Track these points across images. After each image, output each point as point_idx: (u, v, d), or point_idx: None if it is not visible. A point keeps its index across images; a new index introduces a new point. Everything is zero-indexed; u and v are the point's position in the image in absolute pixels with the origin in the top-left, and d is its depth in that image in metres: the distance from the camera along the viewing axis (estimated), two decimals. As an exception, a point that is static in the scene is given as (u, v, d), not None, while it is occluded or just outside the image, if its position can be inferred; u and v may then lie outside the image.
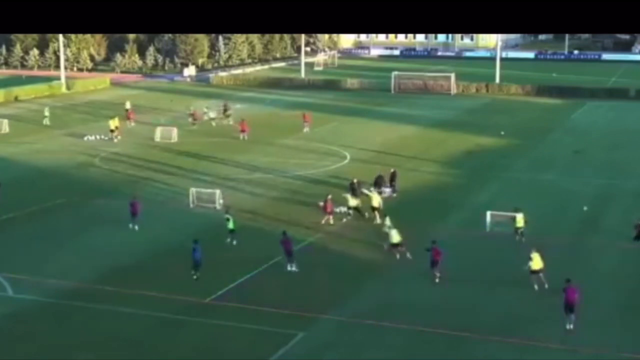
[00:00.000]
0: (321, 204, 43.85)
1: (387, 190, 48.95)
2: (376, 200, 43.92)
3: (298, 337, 29.14)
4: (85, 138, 68.93)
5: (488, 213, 41.74)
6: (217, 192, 46.57)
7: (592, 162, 58.32)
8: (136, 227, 41.98)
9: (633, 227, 39.72)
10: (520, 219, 40.09)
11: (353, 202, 44.05)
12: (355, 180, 47.14)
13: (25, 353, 28.17)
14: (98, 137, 69.20)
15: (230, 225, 39.66)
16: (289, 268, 35.88)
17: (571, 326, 29.80)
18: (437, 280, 34.44)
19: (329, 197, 43.57)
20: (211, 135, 70.11)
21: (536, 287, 33.34)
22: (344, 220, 43.70)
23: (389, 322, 30.31)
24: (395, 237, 37.48)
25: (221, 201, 45.84)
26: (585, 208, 46.28)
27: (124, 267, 36.52)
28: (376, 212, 43.33)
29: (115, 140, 67.33)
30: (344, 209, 44.58)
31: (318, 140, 67.76)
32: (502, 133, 70.68)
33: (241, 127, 68.60)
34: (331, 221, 42.78)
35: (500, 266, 36.47)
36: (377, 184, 48.75)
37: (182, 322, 30.45)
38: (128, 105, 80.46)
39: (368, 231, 41.87)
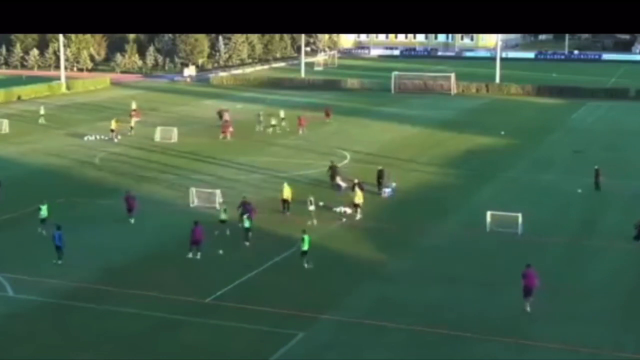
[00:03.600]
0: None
1: (387, 191, 48.98)
2: (359, 197, 44.13)
3: (298, 337, 29.13)
4: (85, 138, 68.96)
5: (488, 213, 41.75)
6: (217, 191, 46.58)
7: (592, 162, 58.25)
8: (132, 221, 42.49)
9: (633, 227, 39.72)
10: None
11: (359, 199, 44.11)
12: (356, 181, 47.10)
13: (25, 353, 28.16)
14: (98, 137, 69.25)
15: (44, 213, 41.17)
16: (190, 255, 37.13)
17: (529, 309, 30.92)
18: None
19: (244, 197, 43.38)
20: (211, 136, 70.11)
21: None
22: (344, 219, 43.71)
23: (389, 322, 30.31)
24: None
25: (221, 200, 45.85)
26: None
27: (123, 267, 36.52)
28: (358, 209, 43.87)
29: (116, 140, 67.37)
30: (344, 209, 44.64)
31: (318, 140, 67.77)
32: (502, 133, 70.71)
33: (223, 128, 68.93)
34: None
35: (500, 266, 36.48)
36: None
37: (182, 322, 30.44)
38: (134, 106, 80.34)
39: (367, 231, 41.88)
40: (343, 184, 50.05)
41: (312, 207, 43.48)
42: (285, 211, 44.46)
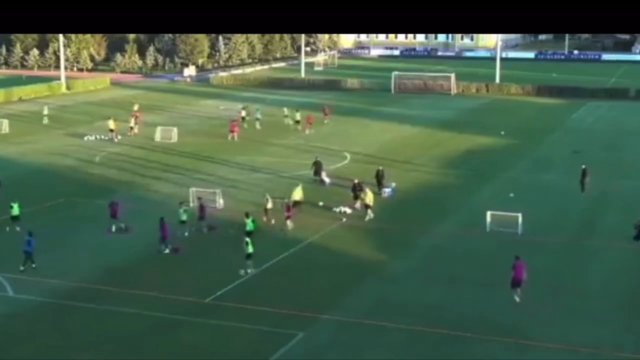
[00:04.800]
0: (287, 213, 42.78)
1: (387, 191, 48.98)
2: (370, 198, 44.10)
3: (298, 337, 29.14)
4: (85, 138, 68.99)
5: (488, 213, 41.76)
6: (217, 191, 46.60)
7: (592, 162, 58.26)
8: (113, 229, 41.63)
9: (633, 227, 39.73)
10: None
11: (370, 199, 44.06)
12: (356, 181, 47.07)
13: (25, 353, 28.16)
14: (98, 137, 69.28)
15: (15, 211, 41.63)
16: (166, 251, 37.90)
17: (517, 299, 31.73)
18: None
19: (286, 200, 43.42)
20: (211, 136, 70.20)
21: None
22: (344, 220, 43.70)
23: (389, 322, 30.31)
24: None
25: (221, 201, 45.87)
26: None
27: (123, 267, 36.52)
28: (369, 210, 43.74)
29: (116, 140, 67.42)
30: (344, 209, 44.68)
31: (318, 140, 67.76)
32: (502, 133, 70.73)
33: (231, 127, 68.87)
34: (290, 227, 41.75)
35: (500, 266, 36.42)
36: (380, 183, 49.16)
37: (182, 322, 30.44)
38: (136, 107, 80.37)
39: (367, 231, 41.88)
40: (327, 180, 51.18)
41: (270, 205, 43.34)
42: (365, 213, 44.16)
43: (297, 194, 44.67)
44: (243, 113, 75.87)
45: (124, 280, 34.62)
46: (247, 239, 35.74)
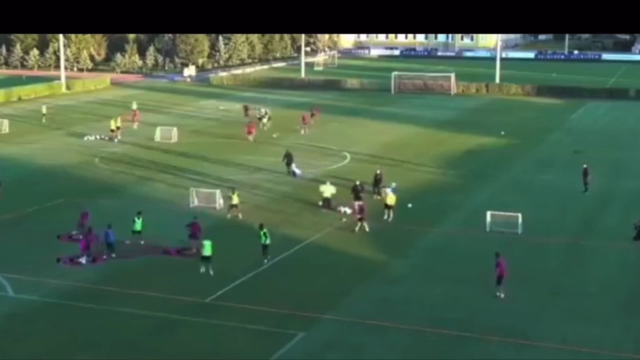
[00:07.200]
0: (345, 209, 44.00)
1: (387, 190, 48.89)
2: (390, 198, 44.08)
3: (298, 337, 29.14)
4: (85, 138, 68.99)
5: (488, 213, 41.77)
6: (217, 192, 46.61)
7: (592, 162, 58.31)
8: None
9: (633, 227, 39.73)
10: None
11: (391, 200, 44.03)
12: (357, 183, 47.01)
13: (25, 353, 28.16)
14: (98, 137, 69.28)
15: None
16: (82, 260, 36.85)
17: (502, 295, 32.15)
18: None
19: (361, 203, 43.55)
20: (211, 136, 70.21)
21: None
22: (344, 220, 43.69)
23: (389, 322, 30.32)
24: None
25: (221, 201, 45.86)
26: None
27: (124, 267, 36.51)
28: (390, 210, 43.78)
29: (116, 140, 67.42)
30: (344, 209, 44.67)
31: (318, 140, 67.77)
32: (502, 133, 70.73)
33: (248, 128, 68.59)
34: (367, 228, 41.72)
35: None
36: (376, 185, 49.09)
37: (182, 322, 30.44)
38: (135, 106, 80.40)
39: (367, 231, 41.84)
40: (298, 171, 52.60)
41: (235, 201, 43.51)
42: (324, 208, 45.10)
43: (328, 191, 45.30)
44: (262, 111, 76.24)
45: (124, 280, 34.62)
46: (205, 242, 35.09)
